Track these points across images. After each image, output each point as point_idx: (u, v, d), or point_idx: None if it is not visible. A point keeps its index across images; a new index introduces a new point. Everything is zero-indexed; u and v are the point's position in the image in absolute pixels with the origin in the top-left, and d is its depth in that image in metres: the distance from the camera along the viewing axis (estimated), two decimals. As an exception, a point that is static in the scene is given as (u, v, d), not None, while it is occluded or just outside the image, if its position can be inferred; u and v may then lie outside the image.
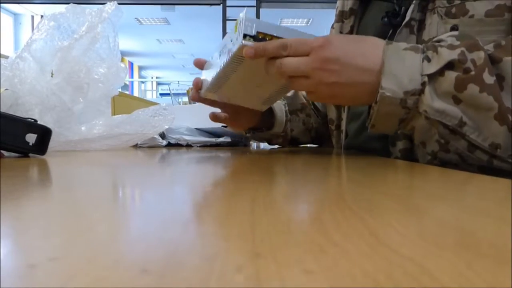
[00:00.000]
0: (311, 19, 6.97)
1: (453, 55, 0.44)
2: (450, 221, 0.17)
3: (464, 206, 0.21)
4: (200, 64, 0.66)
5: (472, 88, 0.42)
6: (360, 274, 0.10)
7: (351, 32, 0.73)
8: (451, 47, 0.44)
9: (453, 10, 0.54)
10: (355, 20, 0.73)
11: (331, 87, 0.47)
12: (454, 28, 0.53)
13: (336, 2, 0.80)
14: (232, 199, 0.22)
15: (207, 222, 0.16)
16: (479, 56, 0.43)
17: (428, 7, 0.56)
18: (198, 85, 0.65)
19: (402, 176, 0.37)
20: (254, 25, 0.49)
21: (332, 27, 0.77)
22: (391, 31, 0.62)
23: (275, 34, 0.50)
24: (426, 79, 0.44)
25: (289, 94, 0.83)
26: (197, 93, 0.66)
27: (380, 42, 0.48)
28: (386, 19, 0.62)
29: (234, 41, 0.51)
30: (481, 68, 0.43)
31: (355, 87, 0.47)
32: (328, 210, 0.18)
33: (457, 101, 0.43)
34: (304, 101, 0.86)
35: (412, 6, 0.57)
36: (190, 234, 0.14)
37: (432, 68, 0.44)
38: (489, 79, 0.42)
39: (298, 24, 7.36)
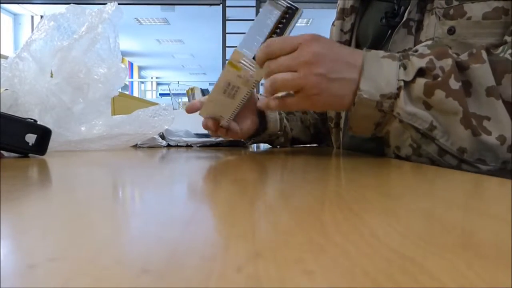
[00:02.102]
0: (311, 19, 6.97)
1: (422, 63, 0.46)
2: (450, 221, 0.17)
3: (464, 206, 0.21)
4: (195, 109, 0.69)
5: (439, 94, 0.44)
6: (360, 274, 0.10)
7: (351, 30, 0.73)
8: (421, 55, 0.47)
9: (451, 11, 0.54)
10: (355, 18, 0.73)
11: (319, 80, 0.47)
12: (451, 29, 0.53)
13: (336, 2, 0.80)
14: (232, 199, 0.22)
15: (207, 222, 0.16)
16: (447, 63, 0.45)
17: (426, 8, 0.57)
18: (194, 108, 0.69)
19: (402, 176, 0.38)
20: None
21: (333, 24, 0.77)
22: (389, 32, 0.62)
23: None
24: (402, 84, 0.46)
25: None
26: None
27: (359, 50, 0.50)
28: (384, 20, 0.63)
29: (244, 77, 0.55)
30: (447, 75, 0.45)
31: (340, 82, 0.48)
32: (328, 210, 0.18)
33: (427, 106, 0.46)
34: None
35: (410, 6, 0.58)
36: (190, 234, 0.14)
37: (408, 75, 0.46)
38: (454, 84, 0.44)
39: (298, 24, 7.35)
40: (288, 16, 0.56)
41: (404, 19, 0.58)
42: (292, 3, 0.54)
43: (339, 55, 0.49)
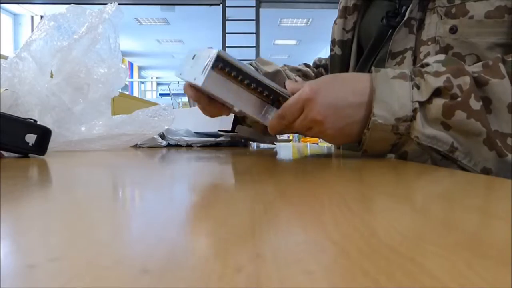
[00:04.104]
0: (311, 19, 6.98)
1: (439, 82, 0.44)
2: (450, 221, 0.17)
3: (464, 206, 0.21)
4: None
5: (460, 115, 0.43)
6: (360, 274, 0.10)
7: (353, 28, 0.72)
8: (437, 74, 0.45)
9: (453, 10, 0.53)
10: (358, 16, 0.72)
11: (330, 132, 0.49)
12: (453, 28, 0.53)
13: (336, 2, 0.80)
14: (232, 199, 0.22)
15: (207, 222, 0.16)
16: (465, 81, 0.43)
17: (428, 6, 0.56)
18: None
19: (403, 176, 0.37)
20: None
21: (335, 22, 0.76)
22: (390, 31, 0.62)
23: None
24: (417, 105, 0.45)
25: (270, 70, 0.78)
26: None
27: (365, 77, 0.49)
28: (385, 20, 0.62)
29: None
30: (467, 94, 0.43)
31: (350, 125, 0.49)
32: (328, 210, 0.18)
33: (446, 127, 0.44)
34: (287, 79, 0.80)
35: (411, 5, 0.57)
36: (190, 234, 0.14)
37: (422, 95, 0.45)
38: (475, 105, 0.43)
39: (298, 24, 7.37)
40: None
41: (406, 18, 0.57)
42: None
43: (345, 95, 0.48)
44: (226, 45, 5.59)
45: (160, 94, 11.99)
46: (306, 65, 0.90)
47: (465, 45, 0.52)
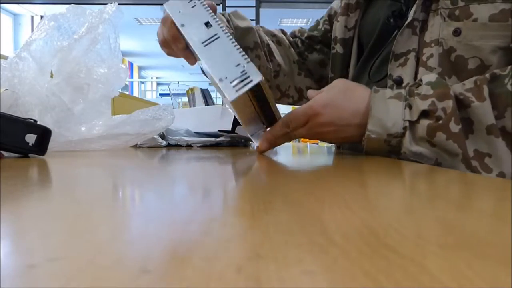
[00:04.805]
0: (311, 19, 6.97)
1: (425, 105, 0.49)
2: (450, 221, 0.17)
3: (464, 206, 0.21)
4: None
5: (440, 136, 0.48)
6: (360, 274, 0.10)
7: (355, 27, 0.72)
8: (424, 97, 0.49)
9: (457, 12, 0.53)
10: (359, 14, 0.72)
11: (331, 140, 0.59)
12: (456, 31, 0.53)
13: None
14: (232, 199, 0.22)
15: (207, 222, 0.16)
16: (448, 105, 0.48)
17: (431, 8, 0.56)
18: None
19: (403, 176, 0.37)
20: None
21: (337, 20, 0.75)
22: (396, 31, 0.61)
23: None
24: (407, 124, 0.50)
25: (242, 25, 0.76)
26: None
27: (367, 95, 0.53)
28: (392, 19, 0.62)
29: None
30: (449, 117, 0.47)
31: (348, 139, 0.56)
32: (328, 210, 0.18)
33: (432, 145, 0.49)
34: (258, 40, 0.78)
35: (415, 6, 0.57)
36: (190, 234, 0.14)
37: (412, 115, 0.49)
38: (454, 128, 0.47)
39: (298, 24, 7.37)
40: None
41: (410, 19, 0.57)
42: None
43: (347, 115, 0.54)
44: (226, 45, 5.58)
45: (160, 94, 11.99)
46: (283, 32, 0.89)
47: (468, 48, 0.52)
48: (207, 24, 0.53)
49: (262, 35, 0.81)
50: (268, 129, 0.60)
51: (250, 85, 0.47)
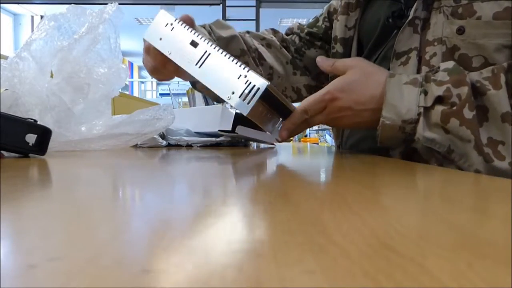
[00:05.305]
0: (311, 19, 6.97)
1: (440, 91, 0.48)
2: (450, 221, 0.17)
3: (465, 206, 0.21)
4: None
5: (454, 122, 0.47)
6: (360, 274, 0.10)
7: (355, 26, 0.72)
8: (440, 83, 0.49)
9: (460, 10, 0.53)
10: (359, 13, 0.72)
11: (347, 126, 0.60)
12: (460, 29, 0.52)
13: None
14: (232, 199, 0.22)
15: (207, 222, 0.16)
16: (463, 91, 0.47)
17: (433, 6, 0.56)
18: None
19: (403, 176, 0.37)
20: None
21: (337, 19, 0.75)
22: (395, 31, 0.61)
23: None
24: (422, 110, 0.49)
25: (225, 35, 0.74)
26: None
27: (383, 80, 0.53)
28: (391, 19, 0.62)
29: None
30: (462, 104, 0.47)
31: (366, 123, 0.56)
32: (328, 210, 0.18)
33: (446, 131, 0.49)
34: (244, 47, 0.77)
35: (416, 4, 0.57)
36: (190, 234, 0.14)
37: (427, 102, 0.49)
38: (468, 114, 0.47)
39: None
40: None
41: (410, 17, 0.57)
42: None
43: (364, 100, 0.54)
44: (226, 45, 5.58)
45: (160, 94, 11.98)
46: (274, 31, 0.87)
47: (472, 46, 0.52)
48: (193, 43, 0.52)
49: (249, 40, 0.79)
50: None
51: (259, 94, 0.47)
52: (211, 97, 0.78)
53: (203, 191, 0.27)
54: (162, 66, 0.59)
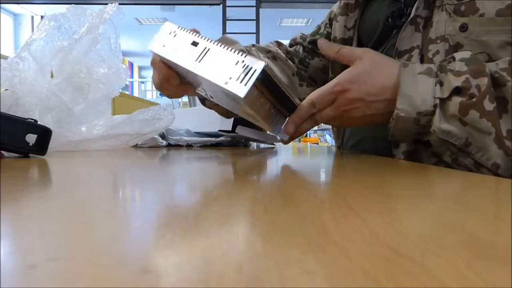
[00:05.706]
0: (311, 19, 6.97)
1: (458, 82, 0.47)
2: (450, 221, 0.17)
3: (465, 206, 0.21)
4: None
5: (474, 114, 0.46)
6: (360, 274, 0.10)
7: (354, 26, 0.72)
8: (458, 73, 0.47)
9: (462, 7, 0.52)
10: (359, 13, 0.72)
11: (357, 120, 0.55)
12: (463, 26, 0.52)
13: (336, 2, 0.79)
14: (232, 199, 0.22)
15: (207, 222, 0.16)
16: (483, 82, 0.46)
17: (435, 4, 0.56)
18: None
19: (403, 176, 0.37)
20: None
21: (336, 20, 0.75)
22: (395, 31, 0.61)
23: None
24: (438, 101, 0.48)
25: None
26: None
27: (396, 69, 0.51)
28: (390, 19, 0.62)
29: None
30: (483, 95, 0.45)
31: (378, 116, 0.53)
32: (328, 210, 0.18)
33: (463, 123, 0.47)
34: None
35: (417, 2, 0.57)
36: (190, 234, 0.14)
37: (443, 92, 0.47)
38: (489, 106, 0.45)
39: (298, 24, 7.36)
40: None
41: (412, 15, 0.57)
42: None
43: (376, 90, 0.52)
44: (226, 45, 5.58)
45: (160, 94, 11.94)
46: (279, 43, 0.87)
47: (475, 44, 0.52)
48: (194, 43, 0.52)
49: (255, 54, 0.79)
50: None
51: (256, 74, 0.46)
52: (221, 113, 0.78)
53: (203, 191, 0.27)
54: (166, 80, 0.58)
